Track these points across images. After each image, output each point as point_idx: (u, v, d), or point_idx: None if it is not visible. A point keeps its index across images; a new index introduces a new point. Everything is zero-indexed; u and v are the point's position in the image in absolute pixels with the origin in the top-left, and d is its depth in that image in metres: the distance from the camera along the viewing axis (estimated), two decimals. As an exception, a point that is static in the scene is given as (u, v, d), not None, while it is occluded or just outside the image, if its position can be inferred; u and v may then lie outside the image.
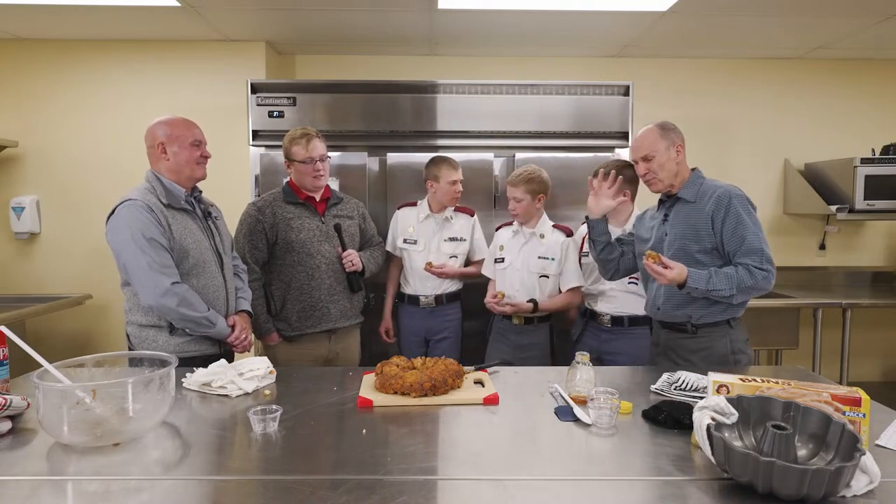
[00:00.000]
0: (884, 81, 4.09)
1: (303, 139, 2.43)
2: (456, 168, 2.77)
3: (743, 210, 2.00)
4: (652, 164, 2.09)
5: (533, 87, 3.25)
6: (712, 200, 2.02)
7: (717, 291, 1.95)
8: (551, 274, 2.63)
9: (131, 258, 1.92)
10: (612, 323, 2.57)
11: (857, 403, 1.25)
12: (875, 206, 3.60)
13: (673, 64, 4.04)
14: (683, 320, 2.10)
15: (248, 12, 3.20)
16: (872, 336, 4.17)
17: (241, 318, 2.18)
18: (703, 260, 2.04)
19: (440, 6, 3.05)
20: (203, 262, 2.06)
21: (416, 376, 1.67)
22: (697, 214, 2.06)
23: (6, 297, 3.51)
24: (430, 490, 1.15)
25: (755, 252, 1.96)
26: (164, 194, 2.01)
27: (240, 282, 2.29)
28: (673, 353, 2.14)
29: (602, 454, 1.35)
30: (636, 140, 2.16)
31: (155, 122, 2.07)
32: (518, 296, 2.63)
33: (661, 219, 2.19)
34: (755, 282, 1.95)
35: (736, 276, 1.95)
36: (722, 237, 2.01)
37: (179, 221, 2.03)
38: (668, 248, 2.11)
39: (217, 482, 1.20)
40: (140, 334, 2.03)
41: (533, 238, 2.66)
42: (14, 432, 1.43)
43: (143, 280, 1.92)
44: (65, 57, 3.65)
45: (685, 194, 2.11)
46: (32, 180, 3.70)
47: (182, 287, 1.96)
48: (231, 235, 2.32)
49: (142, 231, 1.91)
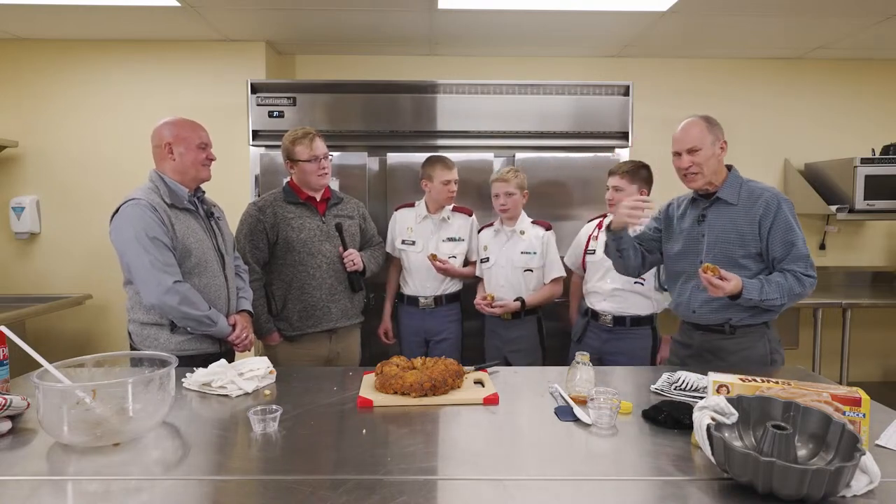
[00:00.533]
0: (884, 81, 4.09)
1: (305, 138, 2.45)
2: (450, 167, 2.77)
3: (791, 216, 1.96)
4: (697, 157, 2.00)
5: (533, 87, 3.25)
6: (760, 204, 1.97)
7: (770, 301, 1.91)
8: (535, 267, 2.72)
9: (134, 257, 1.94)
10: (613, 323, 2.57)
11: (857, 403, 1.25)
12: (875, 206, 3.60)
13: (673, 64, 4.04)
14: (721, 322, 2.04)
15: (248, 12, 3.20)
16: (872, 336, 4.17)
17: (242, 318, 2.19)
18: (746, 265, 1.98)
19: (440, 6, 3.05)
20: (205, 262, 2.07)
21: (416, 376, 1.67)
22: (742, 218, 1.99)
23: (6, 297, 3.51)
24: (430, 490, 1.15)
25: (803, 259, 1.93)
26: (167, 194, 2.03)
27: (241, 282, 2.30)
28: (710, 354, 2.07)
29: (602, 454, 1.35)
30: (682, 131, 2.05)
31: (162, 123, 2.09)
32: (504, 292, 2.69)
33: (695, 218, 2.10)
34: (804, 289, 1.92)
35: (786, 284, 1.91)
36: (769, 242, 1.96)
37: (182, 221, 2.04)
38: (707, 251, 2.04)
39: (217, 482, 1.20)
40: (142, 332, 2.04)
41: (514, 235, 2.74)
42: (14, 432, 1.43)
43: (146, 278, 1.94)
44: (65, 57, 3.65)
45: (726, 195, 2.03)
46: (32, 180, 3.70)
47: (184, 286, 1.97)
48: (233, 235, 2.32)
49: (145, 230, 1.93)
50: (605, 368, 2.03)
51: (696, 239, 2.08)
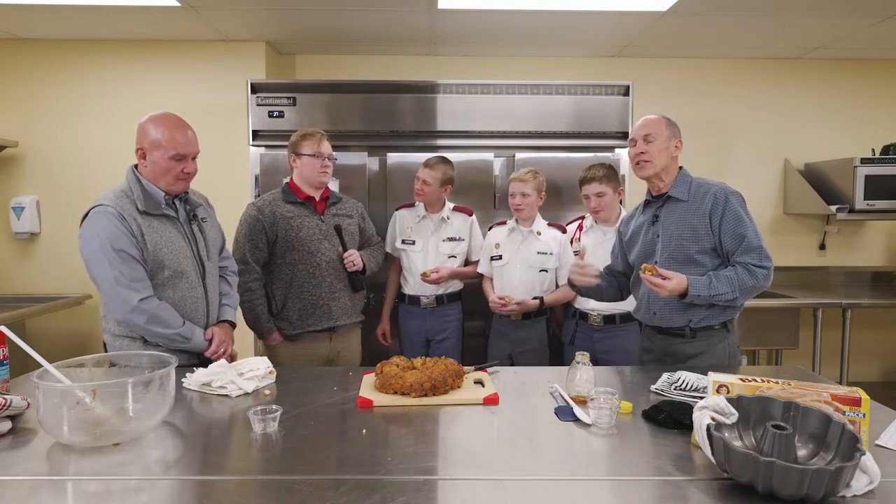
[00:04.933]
0: (884, 81, 4.09)
1: (315, 135, 2.48)
2: (430, 166, 2.74)
3: (741, 208, 1.98)
4: (651, 147, 2.04)
5: (533, 87, 3.25)
6: (709, 199, 1.99)
7: (720, 296, 1.91)
8: (550, 268, 2.72)
9: (99, 270, 1.82)
10: (603, 322, 2.59)
11: (857, 403, 1.25)
12: (875, 206, 3.60)
13: (673, 64, 4.04)
14: (682, 325, 2.05)
15: (248, 12, 3.20)
16: (872, 336, 4.17)
17: (221, 330, 2.05)
18: (701, 261, 2.00)
19: (440, 6, 3.06)
20: (181, 273, 1.94)
21: (416, 376, 1.67)
22: (693, 214, 2.01)
23: (6, 297, 3.51)
24: (430, 490, 1.15)
25: (755, 250, 1.93)
26: (141, 199, 1.88)
27: (227, 286, 2.19)
28: (670, 357, 2.08)
29: (602, 454, 1.35)
30: (642, 121, 2.10)
31: (146, 119, 1.92)
32: (517, 291, 2.68)
33: (649, 220, 2.13)
34: (756, 281, 1.92)
35: (737, 277, 1.91)
36: (720, 236, 1.97)
37: (156, 230, 1.90)
38: (662, 251, 2.06)
39: (217, 482, 1.20)
40: (114, 343, 1.93)
41: (531, 235, 2.73)
42: (14, 432, 1.43)
43: (111, 294, 1.83)
44: (65, 57, 3.65)
45: (677, 193, 2.05)
46: (32, 180, 3.70)
47: (152, 303, 1.86)
48: (220, 238, 2.20)
49: (111, 242, 1.80)
50: (604, 368, 2.03)
51: (652, 240, 2.10)
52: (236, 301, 2.23)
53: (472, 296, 2.92)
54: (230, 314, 2.15)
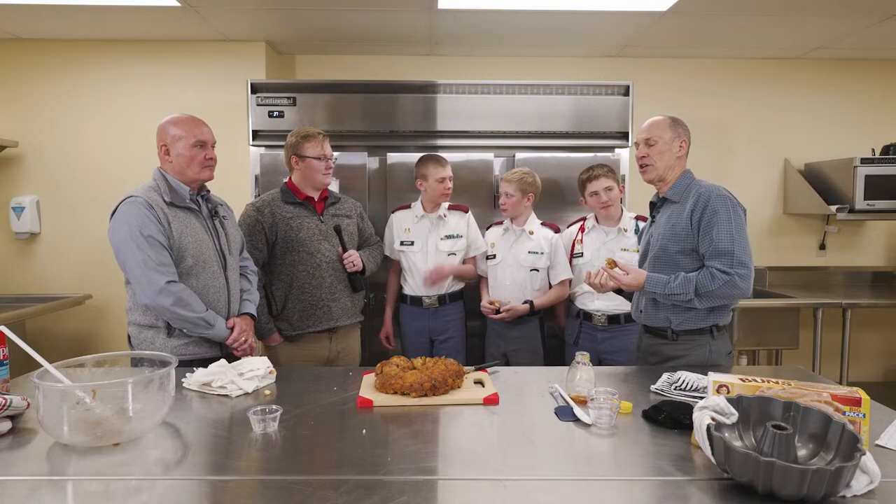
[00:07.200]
0: (884, 81, 4.09)
1: (317, 136, 2.48)
2: (443, 165, 2.77)
3: (722, 209, 1.91)
4: (652, 150, 2.05)
5: (533, 87, 3.25)
6: (692, 199, 1.98)
7: (675, 296, 1.91)
8: (541, 267, 2.74)
9: (128, 255, 1.92)
10: (608, 322, 2.59)
11: (857, 403, 1.25)
12: (875, 206, 3.60)
13: (673, 64, 4.04)
14: (664, 325, 2.04)
15: (247, 12, 3.20)
16: (872, 336, 4.17)
17: (242, 321, 2.14)
18: (682, 262, 1.98)
19: (440, 6, 3.05)
20: (203, 262, 2.04)
21: (416, 376, 1.67)
22: (678, 214, 2.01)
23: (6, 297, 3.51)
24: (430, 490, 1.15)
25: (724, 254, 1.88)
26: (167, 192, 2.01)
27: (247, 283, 2.27)
28: (652, 357, 2.09)
29: (602, 454, 1.35)
30: (646, 123, 2.11)
31: (164, 121, 2.06)
32: (509, 289, 2.72)
33: (650, 222, 2.18)
34: (716, 287, 1.87)
35: (695, 280, 1.90)
36: (699, 238, 1.95)
37: (181, 220, 2.01)
38: (651, 251, 2.08)
39: (217, 482, 1.20)
40: (139, 335, 2.02)
41: (522, 234, 2.76)
42: (14, 432, 1.43)
43: (139, 277, 1.92)
44: (65, 57, 3.65)
45: (671, 194, 2.06)
46: (32, 180, 3.70)
47: (178, 286, 1.94)
48: (240, 236, 2.28)
49: (140, 228, 1.91)
50: (605, 368, 2.03)
51: (649, 241, 2.13)
52: (257, 298, 2.29)
53: (473, 295, 2.93)
54: (251, 308, 2.23)
